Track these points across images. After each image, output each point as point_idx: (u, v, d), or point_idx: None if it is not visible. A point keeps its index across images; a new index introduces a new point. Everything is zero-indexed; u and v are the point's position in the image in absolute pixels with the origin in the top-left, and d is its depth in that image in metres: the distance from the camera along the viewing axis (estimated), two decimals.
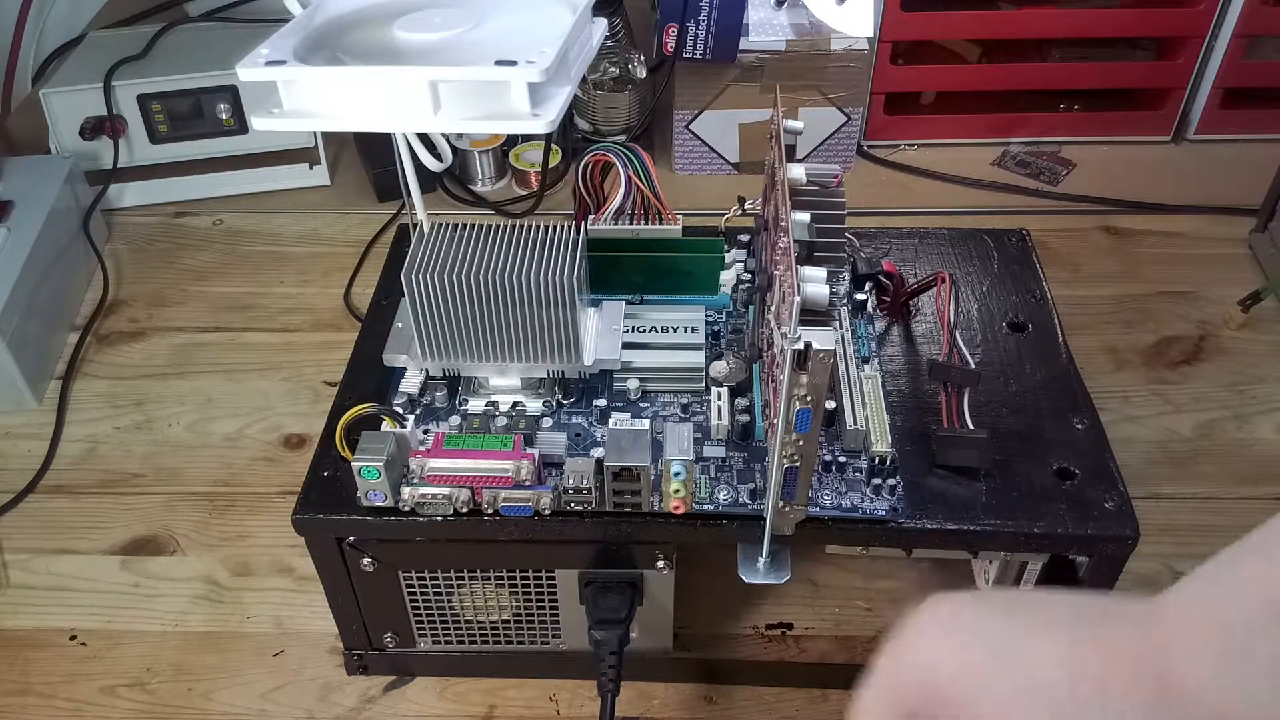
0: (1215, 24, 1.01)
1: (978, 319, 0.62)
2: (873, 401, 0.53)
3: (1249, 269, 0.91)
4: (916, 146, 1.09)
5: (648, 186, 0.59)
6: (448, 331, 0.53)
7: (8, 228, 0.83)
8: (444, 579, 0.55)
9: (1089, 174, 1.04)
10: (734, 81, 0.98)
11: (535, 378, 0.56)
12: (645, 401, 0.56)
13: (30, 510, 0.73)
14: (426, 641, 0.59)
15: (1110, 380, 0.80)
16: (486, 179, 1.05)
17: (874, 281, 0.63)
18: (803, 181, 0.50)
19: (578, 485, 0.49)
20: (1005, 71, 1.07)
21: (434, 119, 0.46)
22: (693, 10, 0.92)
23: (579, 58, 0.50)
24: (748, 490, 0.51)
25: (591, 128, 1.06)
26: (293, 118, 0.46)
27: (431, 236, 0.53)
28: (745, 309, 0.61)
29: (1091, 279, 0.91)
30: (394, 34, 0.49)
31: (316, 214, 1.02)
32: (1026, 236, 0.69)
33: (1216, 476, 0.72)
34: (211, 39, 1.05)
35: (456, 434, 0.52)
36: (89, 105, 0.96)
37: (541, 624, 0.58)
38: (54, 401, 0.81)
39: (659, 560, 0.54)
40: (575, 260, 0.51)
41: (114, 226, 1.01)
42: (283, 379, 0.83)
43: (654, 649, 0.59)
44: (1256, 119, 1.07)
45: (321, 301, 0.91)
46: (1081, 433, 0.54)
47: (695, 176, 1.06)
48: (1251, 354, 0.82)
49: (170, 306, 0.91)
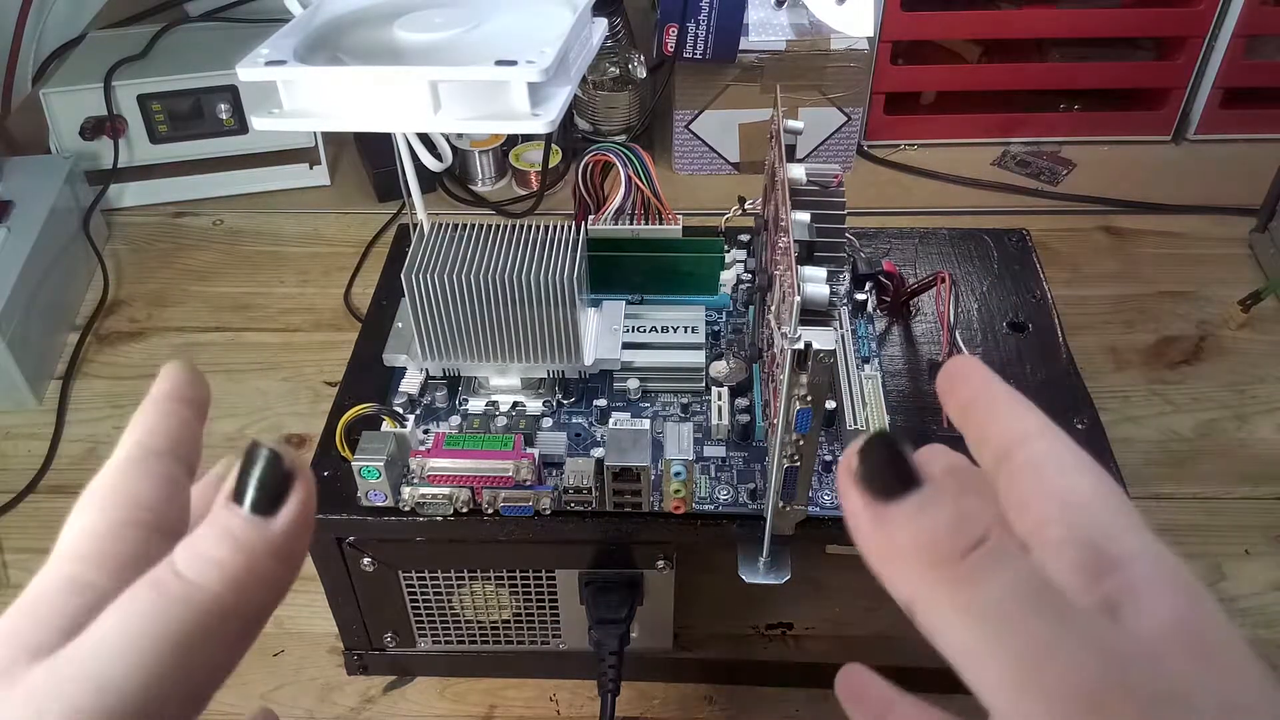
0: (1215, 24, 1.01)
1: (978, 319, 0.62)
2: (873, 401, 0.53)
3: (1249, 269, 0.91)
4: (916, 146, 1.09)
5: (648, 186, 0.59)
6: (448, 331, 0.53)
7: (8, 228, 0.83)
8: (444, 579, 0.55)
9: (1089, 174, 1.04)
10: (734, 81, 0.98)
11: (535, 378, 0.56)
12: (645, 401, 0.56)
13: (30, 510, 0.73)
14: (426, 641, 0.59)
15: (1110, 380, 0.80)
16: (486, 179, 1.05)
17: (874, 281, 0.63)
18: (803, 181, 0.50)
19: (578, 485, 0.49)
20: (1005, 71, 1.07)
21: (434, 119, 0.46)
22: (693, 10, 0.92)
23: (579, 58, 0.50)
24: (748, 490, 0.51)
25: (591, 128, 1.06)
26: (293, 118, 0.46)
27: (431, 236, 0.53)
28: (745, 309, 0.61)
29: (1091, 279, 0.91)
30: (394, 34, 0.49)
31: (316, 214, 1.02)
32: (1026, 236, 0.69)
33: (1216, 476, 0.72)
34: (211, 39, 1.05)
35: (456, 434, 0.52)
36: (89, 105, 0.96)
37: (541, 624, 0.58)
38: (54, 401, 0.81)
39: (659, 560, 0.53)
40: (575, 260, 0.51)
41: (114, 226, 1.01)
42: (283, 379, 0.83)
43: (654, 649, 0.59)
44: (1256, 119, 1.07)
45: (321, 301, 0.91)
46: (1082, 433, 0.54)
47: (695, 176, 1.06)
48: (1251, 354, 0.82)
49: (170, 306, 0.91)
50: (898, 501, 0.20)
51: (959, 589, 0.19)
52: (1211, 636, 0.19)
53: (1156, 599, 0.20)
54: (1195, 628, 0.19)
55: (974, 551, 0.19)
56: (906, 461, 0.20)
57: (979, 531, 0.19)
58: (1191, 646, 0.19)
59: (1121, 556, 0.20)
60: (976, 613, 0.19)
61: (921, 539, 0.19)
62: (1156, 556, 0.21)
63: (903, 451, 0.20)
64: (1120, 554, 0.20)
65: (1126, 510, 0.21)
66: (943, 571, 0.19)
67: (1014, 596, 0.18)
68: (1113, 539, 0.21)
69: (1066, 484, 0.21)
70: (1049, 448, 0.22)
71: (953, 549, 0.19)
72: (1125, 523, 0.21)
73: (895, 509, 0.20)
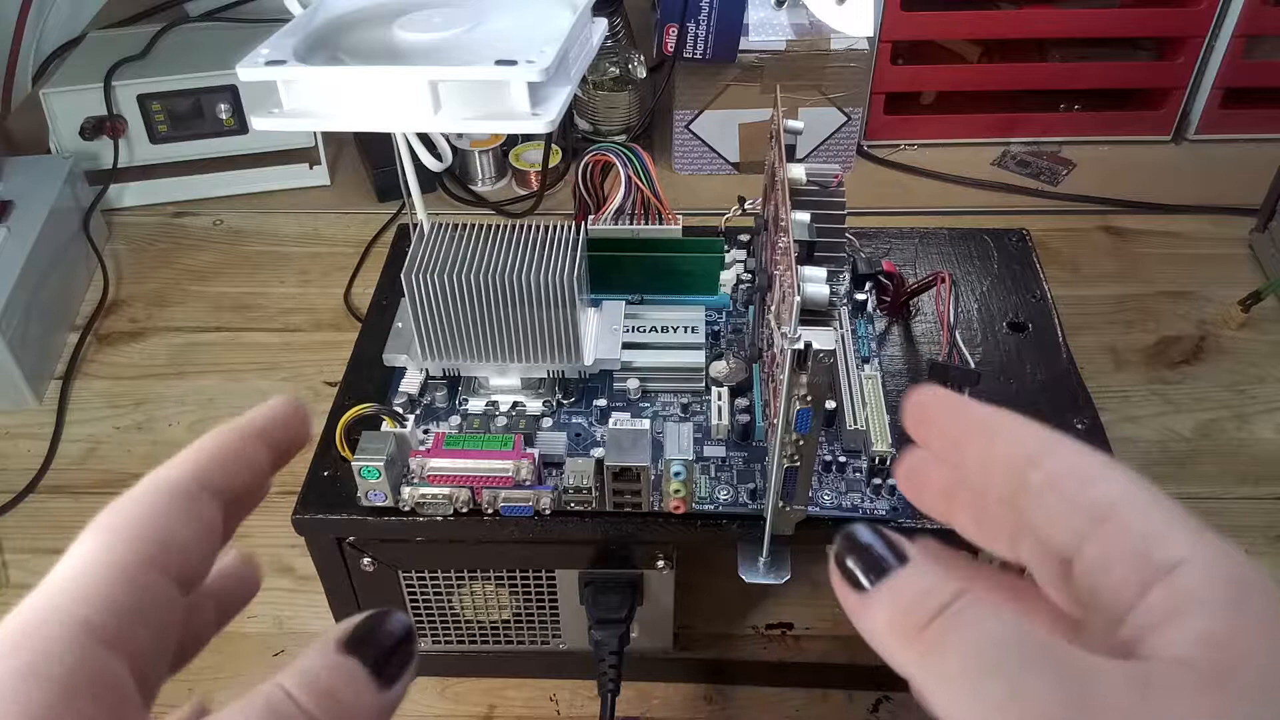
0: (1215, 24, 1.01)
1: (978, 319, 0.62)
2: (873, 401, 0.53)
3: (1249, 269, 0.91)
4: (916, 146, 1.09)
5: (648, 186, 0.59)
6: (448, 331, 0.53)
7: (8, 228, 0.83)
8: (444, 579, 0.55)
9: (1089, 174, 1.04)
10: (734, 81, 0.98)
11: (535, 378, 0.56)
12: (645, 401, 0.56)
13: (30, 510, 0.73)
14: (426, 641, 0.59)
15: (1110, 380, 0.80)
16: (486, 179, 1.05)
17: (874, 281, 0.63)
18: (803, 181, 0.50)
19: (578, 485, 0.49)
20: (1005, 71, 1.07)
21: (434, 119, 0.46)
22: (693, 10, 0.92)
23: (579, 58, 0.50)
24: (748, 490, 0.51)
25: (591, 128, 1.06)
26: (293, 118, 0.46)
27: (431, 236, 0.53)
28: (745, 309, 0.61)
29: (1091, 279, 0.91)
30: (394, 34, 0.49)
31: (316, 214, 1.02)
32: (1026, 236, 0.69)
33: (1216, 476, 0.72)
34: (211, 39, 1.05)
35: (456, 434, 0.52)
36: (89, 105, 0.96)
37: (541, 624, 0.58)
38: (54, 401, 0.81)
39: (659, 560, 0.53)
40: (575, 260, 0.51)
41: (114, 226, 1.01)
42: (283, 379, 0.83)
43: (654, 649, 0.59)
44: (1256, 119, 1.07)
45: (321, 301, 0.91)
46: (1082, 433, 0.54)
47: (695, 176, 1.06)
48: (1251, 354, 0.82)
49: (170, 306, 0.91)
50: (872, 590, 0.20)
51: (926, 659, 0.19)
52: (1247, 664, 0.18)
53: (1192, 619, 0.18)
54: (1224, 657, 0.18)
55: (935, 620, 0.19)
56: (871, 551, 0.20)
57: (943, 599, 0.19)
58: (1210, 683, 0.18)
59: (1167, 561, 0.19)
60: (943, 679, 0.19)
61: (895, 619, 0.20)
62: (1207, 558, 0.19)
63: (867, 543, 0.21)
64: (1165, 559, 0.19)
65: (1163, 505, 0.20)
66: (913, 645, 0.19)
67: (975, 657, 0.18)
68: (1158, 540, 0.19)
69: (1092, 496, 0.20)
70: (1063, 461, 0.21)
71: (918, 622, 0.19)
72: (1166, 519, 0.20)
73: (869, 597, 0.20)
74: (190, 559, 0.21)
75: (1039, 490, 0.21)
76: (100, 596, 0.19)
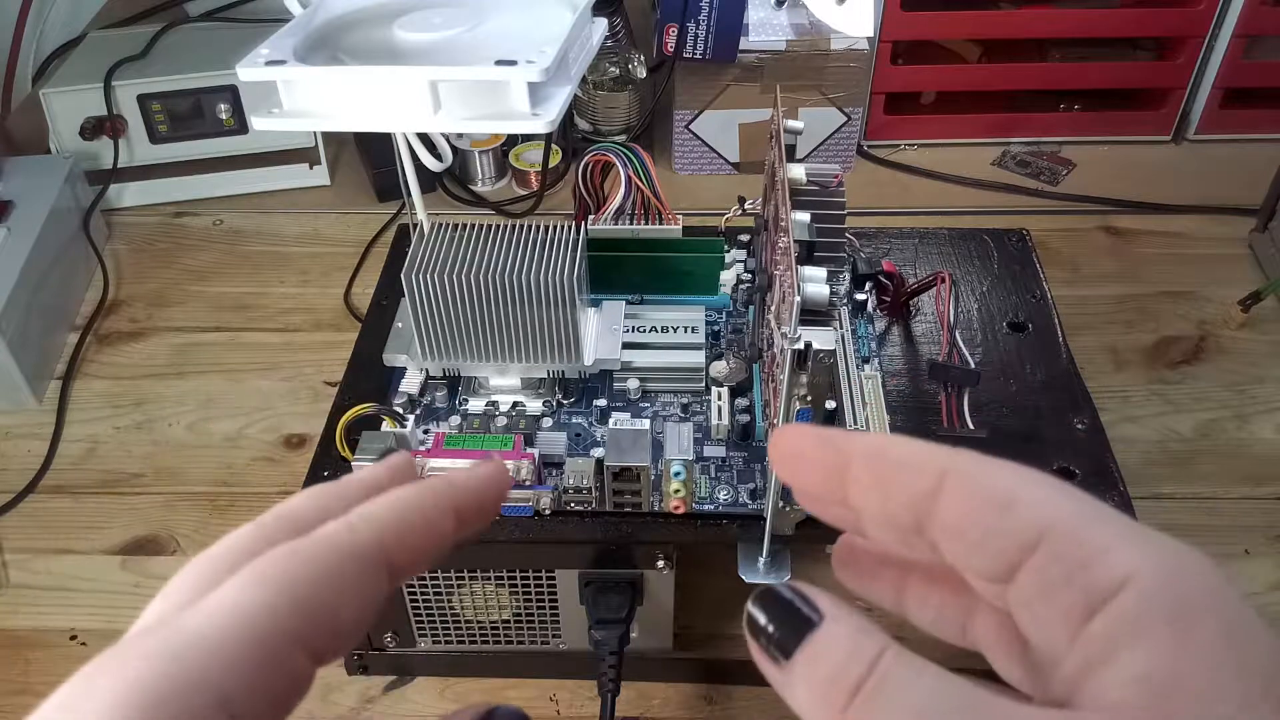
0: (1215, 24, 1.01)
1: (978, 319, 0.62)
2: (873, 401, 0.53)
3: (1249, 269, 0.91)
4: (916, 146, 1.09)
5: (648, 186, 0.59)
6: (448, 331, 0.53)
7: (8, 228, 0.83)
8: (444, 579, 0.55)
9: (1089, 174, 1.04)
10: (734, 81, 0.98)
11: (535, 378, 0.56)
12: (645, 401, 0.56)
13: (30, 510, 0.73)
14: (426, 641, 0.59)
15: (1110, 380, 0.80)
16: (486, 179, 1.05)
17: (874, 281, 0.63)
18: (803, 181, 0.50)
19: (578, 485, 0.49)
20: (1005, 71, 1.07)
21: (434, 119, 0.46)
22: (693, 10, 0.92)
23: (579, 58, 0.50)
24: (748, 490, 0.51)
25: (591, 128, 1.06)
26: (293, 118, 0.46)
27: (431, 236, 0.53)
28: (745, 309, 0.61)
29: (1091, 279, 0.91)
30: (394, 34, 0.49)
31: (316, 214, 1.02)
32: (1027, 236, 0.69)
33: (1216, 476, 0.72)
34: (211, 39, 1.05)
35: (456, 434, 0.52)
36: (89, 105, 0.96)
37: (541, 624, 0.58)
38: (54, 401, 0.81)
39: (659, 560, 0.53)
40: (575, 260, 0.51)
41: (114, 226, 1.01)
42: (283, 379, 0.83)
43: (654, 649, 0.59)
44: (1256, 119, 1.07)
45: (321, 301, 0.91)
46: (1082, 433, 0.54)
47: (695, 176, 1.06)
48: (1251, 354, 0.82)
49: (170, 306, 0.91)
50: (788, 664, 0.18)
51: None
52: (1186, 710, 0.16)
53: (1130, 655, 0.17)
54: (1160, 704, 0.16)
55: (855, 699, 0.17)
56: (783, 615, 0.19)
57: (861, 668, 0.17)
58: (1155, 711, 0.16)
59: (1111, 581, 0.17)
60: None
61: (815, 701, 0.18)
62: (1155, 574, 0.17)
63: (777, 606, 0.19)
64: (1109, 579, 0.17)
65: (1101, 516, 0.18)
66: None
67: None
68: (1099, 558, 0.17)
69: (1015, 522, 0.18)
70: (971, 485, 0.19)
71: (839, 702, 0.17)
72: (1106, 531, 0.18)
73: (788, 672, 0.18)
74: (343, 641, 0.19)
75: (952, 526, 0.19)
76: (245, 675, 0.17)
